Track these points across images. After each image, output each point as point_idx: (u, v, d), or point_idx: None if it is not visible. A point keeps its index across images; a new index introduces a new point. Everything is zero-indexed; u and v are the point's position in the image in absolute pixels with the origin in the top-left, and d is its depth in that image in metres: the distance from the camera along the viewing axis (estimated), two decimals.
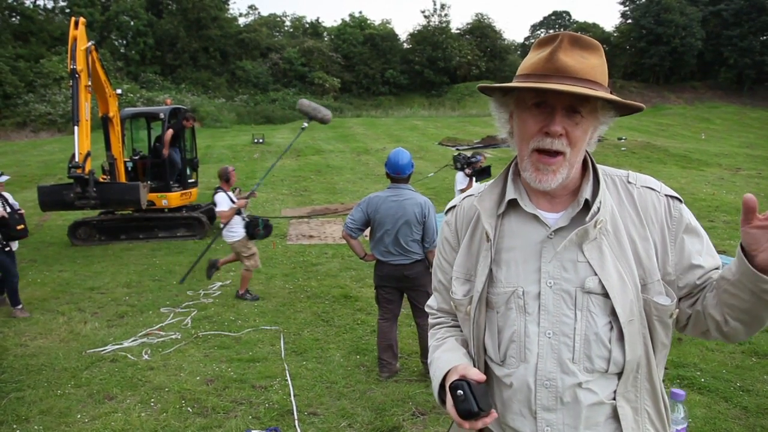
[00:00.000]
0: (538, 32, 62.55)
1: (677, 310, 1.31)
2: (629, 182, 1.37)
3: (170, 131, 10.68)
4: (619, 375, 1.29)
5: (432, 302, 1.63)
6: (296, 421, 3.91)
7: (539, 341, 1.29)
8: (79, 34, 9.15)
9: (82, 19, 9.42)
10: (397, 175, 4.49)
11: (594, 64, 1.24)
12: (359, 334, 5.68)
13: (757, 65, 45.51)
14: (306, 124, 7.60)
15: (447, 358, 1.41)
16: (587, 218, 1.29)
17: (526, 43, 63.54)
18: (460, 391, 1.23)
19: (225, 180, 7.05)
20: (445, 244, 1.53)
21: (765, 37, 46.51)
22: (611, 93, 1.27)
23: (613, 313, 1.25)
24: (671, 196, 1.35)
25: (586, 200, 1.31)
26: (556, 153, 1.26)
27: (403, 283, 4.53)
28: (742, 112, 41.08)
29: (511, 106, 1.35)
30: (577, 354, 1.27)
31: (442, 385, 1.35)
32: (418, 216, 4.35)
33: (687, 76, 49.82)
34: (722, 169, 18.44)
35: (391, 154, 4.54)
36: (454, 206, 1.54)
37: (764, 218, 1.11)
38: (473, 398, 1.22)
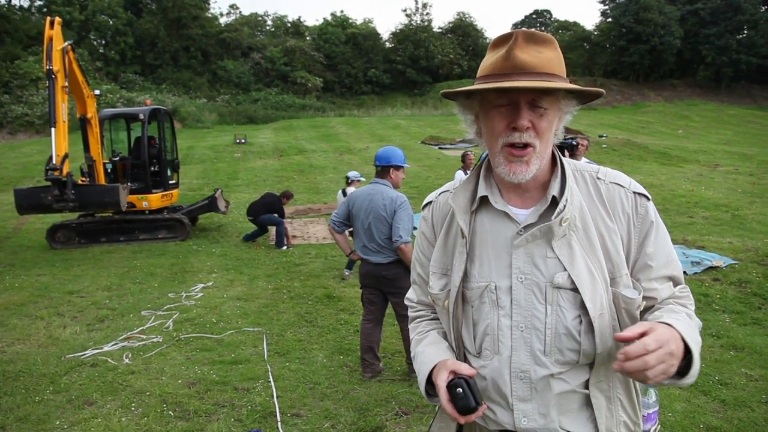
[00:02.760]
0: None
1: (644, 302, 1.34)
2: (598, 178, 1.40)
3: None
4: (591, 366, 1.33)
5: (411, 295, 1.65)
6: (279, 423, 3.89)
7: (512, 334, 1.34)
8: (55, 34, 9.02)
9: (57, 19, 9.29)
10: (377, 164, 4.58)
11: (550, 57, 1.27)
12: (342, 335, 5.66)
13: (734, 63, 46.29)
14: None
15: (431, 352, 1.44)
16: (552, 216, 1.32)
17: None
18: (459, 390, 1.28)
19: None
20: (423, 238, 1.57)
21: (741, 36, 47.31)
22: (570, 83, 1.30)
23: (583, 307, 1.29)
24: (639, 193, 1.38)
25: (554, 196, 1.34)
26: (526, 146, 1.29)
27: (382, 284, 4.52)
28: (720, 109, 41.75)
29: (476, 108, 1.38)
30: (548, 347, 1.31)
31: (428, 379, 1.39)
32: (388, 209, 4.35)
33: (666, 74, 50.48)
34: (701, 166, 18.73)
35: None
36: (430, 202, 1.57)
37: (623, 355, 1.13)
38: (471, 395, 1.28)
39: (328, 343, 5.44)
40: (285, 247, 9.43)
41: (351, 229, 4.71)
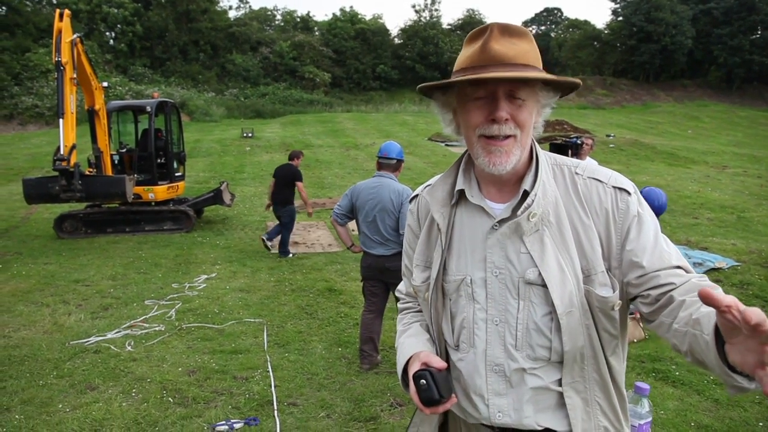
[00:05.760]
0: (529, 29, 62.64)
1: (620, 302, 1.29)
2: (576, 173, 1.36)
3: None
4: (562, 364, 1.31)
5: (401, 287, 1.67)
6: (275, 411, 3.96)
7: (487, 328, 1.33)
8: (64, 26, 9.11)
9: (67, 11, 9.38)
10: (383, 157, 4.61)
11: (526, 49, 1.26)
12: (342, 327, 5.73)
13: (746, 64, 45.88)
14: None
15: (410, 343, 1.45)
16: (519, 211, 1.30)
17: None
18: (423, 381, 1.28)
19: None
20: (409, 231, 1.58)
21: (754, 36, 46.88)
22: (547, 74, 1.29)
23: (553, 303, 1.27)
24: (619, 188, 1.31)
25: (525, 191, 1.32)
26: (506, 137, 1.26)
27: (385, 275, 4.59)
28: (731, 110, 41.40)
29: (453, 104, 1.37)
30: (520, 342, 1.30)
31: (405, 371, 1.40)
32: (395, 203, 4.41)
33: (677, 74, 50.15)
34: (709, 167, 18.63)
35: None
36: (417, 195, 1.57)
37: (736, 311, 0.84)
38: (435, 387, 1.27)
39: (327, 335, 5.51)
40: (290, 255, 8.73)
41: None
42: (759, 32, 47.05)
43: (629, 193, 1.31)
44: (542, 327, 1.29)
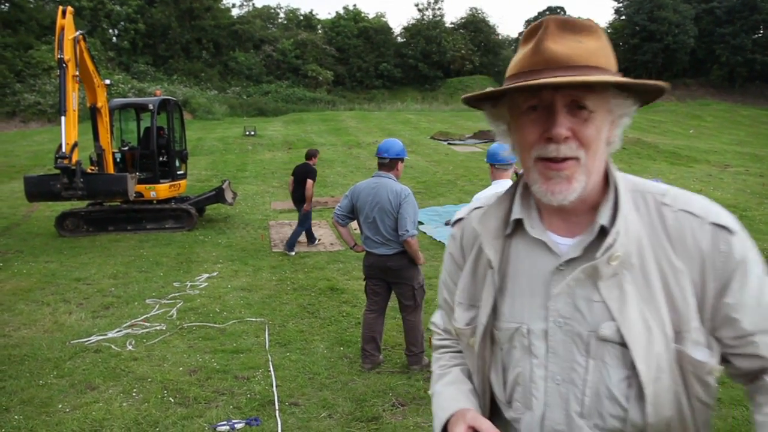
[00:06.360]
0: None
1: (719, 368, 1.05)
2: (664, 203, 1.09)
3: None
4: None
5: (437, 319, 1.42)
6: (277, 411, 3.94)
7: (546, 387, 1.10)
8: (66, 24, 9.10)
9: (69, 8, 9.37)
10: (379, 156, 4.59)
11: (592, 48, 1.02)
12: (344, 326, 5.70)
13: (749, 63, 45.76)
14: None
15: (451, 395, 1.23)
16: (598, 252, 1.04)
17: (520, 38, 63.49)
18: None
19: None
20: (450, 260, 1.33)
21: (757, 36, 46.76)
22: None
23: (634, 367, 1.02)
24: (719, 225, 1.05)
25: (603, 226, 1.06)
26: (564, 159, 1.03)
27: (387, 275, 4.57)
28: (734, 109, 41.31)
29: (506, 116, 1.15)
30: (587, 408, 1.06)
31: (445, 428, 1.19)
32: (393, 203, 4.38)
33: (679, 73, 49.98)
34: (711, 166, 18.58)
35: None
36: (461, 218, 1.31)
37: None
38: None
39: (329, 335, 5.49)
40: (293, 253, 8.83)
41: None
42: (761, 31, 46.95)
43: (732, 232, 1.05)
44: (617, 394, 1.04)
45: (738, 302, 1.02)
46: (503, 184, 4.39)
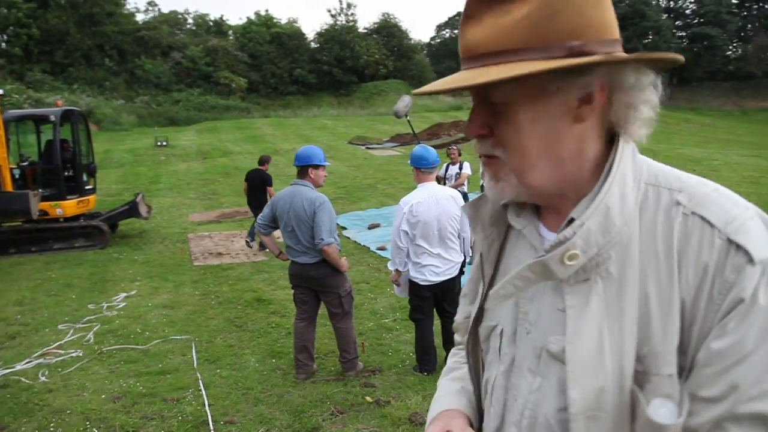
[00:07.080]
0: (444, 32, 64.30)
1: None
2: (678, 202, 0.81)
3: None
4: None
5: (459, 314, 1.24)
6: (212, 431, 3.81)
7: (506, 401, 0.94)
8: None
9: None
10: (296, 164, 4.58)
11: (517, 19, 0.77)
12: (274, 338, 5.61)
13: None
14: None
15: (447, 391, 1.13)
16: (546, 245, 0.85)
17: (432, 42, 65.10)
18: None
19: None
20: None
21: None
22: (574, 50, 0.76)
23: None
24: (737, 244, 0.75)
25: (572, 218, 0.84)
26: (489, 157, 0.88)
27: (311, 283, 4.56)
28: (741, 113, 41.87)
29: None
30: None
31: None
32: (308, 211, 4.37)
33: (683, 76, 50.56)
34: (718, 174, 19.06)
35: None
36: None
37: None
38: None
39: (259, 347, 5.37)
40: (252, 244, 9.59)
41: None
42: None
43: (752, 261, 0.74)
44: (552, 423, 0.85)
45: (728, 348, 0.73)
46: (429, 187, 4.49)
